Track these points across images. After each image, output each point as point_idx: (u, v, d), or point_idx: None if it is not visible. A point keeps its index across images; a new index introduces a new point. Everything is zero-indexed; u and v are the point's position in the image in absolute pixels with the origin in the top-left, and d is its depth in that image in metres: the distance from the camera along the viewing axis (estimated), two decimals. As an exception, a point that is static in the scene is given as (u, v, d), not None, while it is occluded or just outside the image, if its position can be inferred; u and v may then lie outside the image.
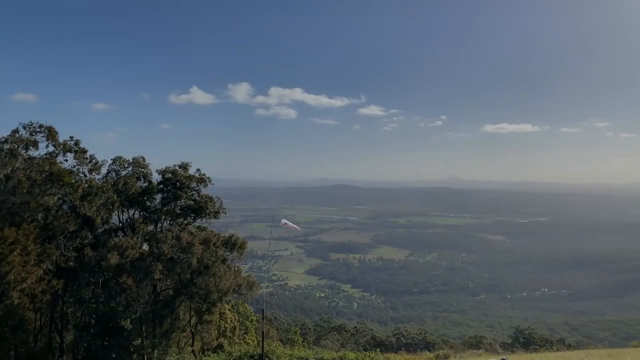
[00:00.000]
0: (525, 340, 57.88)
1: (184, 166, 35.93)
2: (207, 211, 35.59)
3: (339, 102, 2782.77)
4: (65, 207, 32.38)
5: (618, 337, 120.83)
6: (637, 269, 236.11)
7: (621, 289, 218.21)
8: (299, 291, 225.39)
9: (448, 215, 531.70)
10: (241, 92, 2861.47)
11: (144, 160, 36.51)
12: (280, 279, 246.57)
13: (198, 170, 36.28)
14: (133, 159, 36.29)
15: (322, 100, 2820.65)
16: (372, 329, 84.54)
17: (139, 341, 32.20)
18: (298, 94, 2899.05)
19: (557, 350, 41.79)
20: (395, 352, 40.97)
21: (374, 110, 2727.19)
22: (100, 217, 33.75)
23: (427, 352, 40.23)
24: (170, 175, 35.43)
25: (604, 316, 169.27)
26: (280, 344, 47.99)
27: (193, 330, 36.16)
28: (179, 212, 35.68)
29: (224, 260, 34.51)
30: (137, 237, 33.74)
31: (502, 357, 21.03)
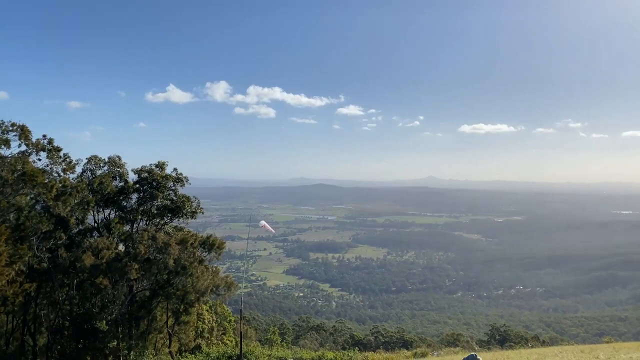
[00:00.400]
0: (501, 338, 58.70)
1: (161, 165, 35.54)
2: (184, 211, 35.28)
3: (318, 101, 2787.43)
4: (38, 207, 31.73)
5: (590, 333, 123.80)
6: (609, 266, 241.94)
7: (593, 286, 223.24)
8: (277, 291, 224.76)
9: (426, 215, 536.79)
10: (219, 90, 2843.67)
11: (120, 159, 36.01)
12: (259, 279, 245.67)
13: (175, 169, 35.96)
14: (109, 158, 35.76)
15: (302, 99, 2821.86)
16: (350, 328, 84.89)
17: (115, 343, 31.77)
18: (277, 93, 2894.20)
19: (532, 346, 42.53)
20: (374, 351, 41.20)
21: (353, 110, 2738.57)
22: (74, 217, 33.18)
23: (405, 350, 40.54)
24: (146, 174, 35.02)
25: (577, 313, 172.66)
26: (259, 344, 47.96)
27: (170, 331, 35.81)
28: (155, 212, 35.29)
29: (201, 261, 34.27)
30: (113, 238, 33.27)
31: (471, 353, 21.20)
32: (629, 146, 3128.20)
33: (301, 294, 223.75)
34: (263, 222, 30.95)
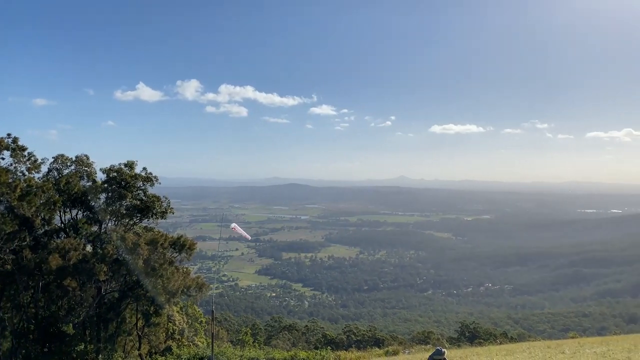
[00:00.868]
0: (470, 335, 59.53)
1: (130, 165, 34.89)
2: (154, 211, 34.76)
3: (291, 101, 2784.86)
4: (1, 207, 30.77)
5: (557, 329, 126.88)
6: (574, 264, 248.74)
7: (559, 283, 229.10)
8: (249, 291, 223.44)
9: (397, 214, 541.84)
10: (190, 89, 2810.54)
11: (87, 158, 35.21)
12: (231, 279, 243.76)
13: (144, 169, 35.36)
14: (76, 157, 34.93)
15: (274, 98, 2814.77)
16: (323, 327, 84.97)
17: (82, 346, 31.04)
18: (249, 92, 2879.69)
19: (501, 343, 43.34)
20: (346, 350, 41.37)
21: (325, 109, 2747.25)
22: (40, 217, 32.28)
23: (377, 349, 40.81)
24: (115, 174, 34.35)
25: (544, 309, 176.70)
26: (231, 345, 47.56)
27: (140, 333, 35.21)
28: (124, 212, 34.64)
29: (171, 262, 33.77)
30: (81, 238, 32.53)
31: (437, 347, 21.51)
32: (592, 146, 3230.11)
33: (273, 294, 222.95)
34: (234, 225, 30.57)
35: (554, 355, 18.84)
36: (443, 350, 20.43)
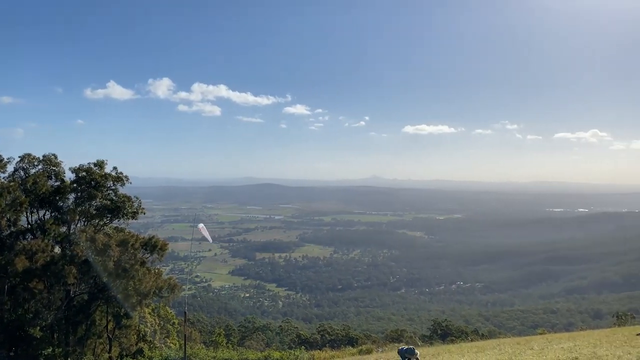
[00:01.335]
0: (442, 332, 60.32)
1: (100, 164, 34.22)
2: (125, 211, 34.19)
3: (265, 100, 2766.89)
4: (-36, 208, 29.83)
5: (526, 325, 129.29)
6: (542, 261, 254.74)
7: (528, 281, 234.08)
8: (223, 292, 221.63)
9: (371, 213, 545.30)
10: (162, 87, 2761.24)
11: (55, 157, 34.37)
12: (204, 280, 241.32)
13: (115, 168, 34.73)
14: (44, 156, 34.08)
15: (248, 98, 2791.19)
16: (297, 327, 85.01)
17: (50, 350, 30.33)
18: (223, 90, 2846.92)
19: (472, 340, 44.03)
20: (320, 349, 41.46)
21: (300, 109, 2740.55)
22: (6, 218, 31.41)
23: (351, 348, 41.04)
24: (84, 173, 33.65)
25: (513, 306, 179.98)
26: (204, 346, 47.15)
27: (110, 335, 34.59)
28: (94, 212, 33.98)
29: (143, 263, 33.28)
30: (48, 240, 31.76)
31: (410, 347, 21.76)
32: (560, 147, 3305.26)
33: (247, 295, 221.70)
34: (202, 225, 30.38)
35: (523, 352, 19.26)
36: (416, 351, 20.62)
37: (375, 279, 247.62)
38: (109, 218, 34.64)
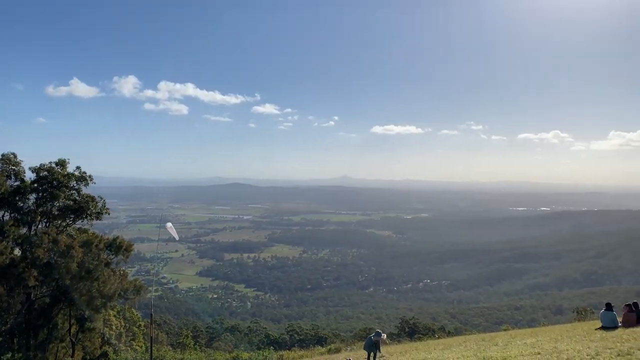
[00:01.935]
0: (410, 330, 60.91)
1: (62, 163, 33.24)
2: (89, 212, 33.32)
3: (233, 99, 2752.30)
4: None
5: (491, 322, 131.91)
6: (506, 259, 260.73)
7: (493, 278, 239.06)
8: (190, 293, 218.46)
9: (340, 213, 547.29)
10: (128, 85, 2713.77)
11: (15, 156, 33.20)
12: (171, 281, 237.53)
13: (78, 167, 33.80)
14: (2, 155, 32.88)
15: (216, 96, 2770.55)
16: (265, 328, 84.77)
17: (10, 355, 29.34)
18: (190, 89, 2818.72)
19: (439, 337, 44.78)
20: (289, 349, 41.46)
21: (269, 108, 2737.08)
22: (-39, 220, 30.21)
23: (320, 347, 41.16)
24: (46, 173, 32.64)
25: (479, 304, 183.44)
26: (171, 348, 46.50)
27: (73, 339, 33.70)
28: (56, 213, 33.00)
29: (107, 264, 32.55)
30: (8, 242, 30.67)
31: (377, 330, 22.22)
32: (523, 147, 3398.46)
33: (215, 296, 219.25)
34: (170, 225, 30.03)
35: (488, 348, 19.66)
36: (382, 333, 21.33)
37: (344, 278, 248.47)
38: (72, 219, 33.72)
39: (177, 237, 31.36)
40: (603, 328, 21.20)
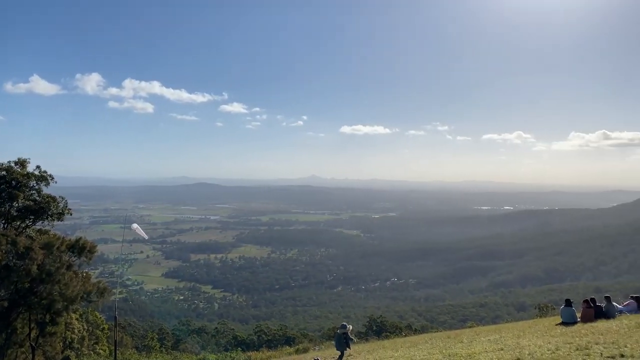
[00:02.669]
0: (378, 328, 61.37)
1: (21, 162, 32.14)
2: (50, 212, 32.31)
3: (200, 97, 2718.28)
4: None
5: (456, 319, 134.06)
6: (471, 257, 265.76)
7: (458, 276, 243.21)
8: (156, 295, 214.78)
9: (309, 212, 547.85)
10: (91, 83, 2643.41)
11: (-30, 155, 31.96)
12: (136, 283, 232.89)
13: (38, 167, 32.73)
14: (-44, 154, 31.59)
15: (182, 95, 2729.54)
16: (233, 329, 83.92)
17: (-35, 362, 28.25)
18: (156, 87, 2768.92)
19: (406, 335, 45.23)
20: (257, 350, 41.21)
21: (236, 107, 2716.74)
22: None
23: (288, 347, 41.09)
24: (4, 172, 31.49)
25: (445, 301, 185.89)
26: (136, 351, 45.64)
27: (33, 344, 32.63)
28: (15, 213, 31.88)
29: (70, 266, 31.64)
30: (-38, 244, 29.45)
31: (342, 323, 22.38)
32: (487, 148, 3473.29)
33: (181, 297, 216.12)
34: (136, 226, 29.45)
35: (454, 345, 19.98)
36: (347, 325, 21.49)
37: (312, 277, 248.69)
38: (31, 220, 32.63)
39: (145, 237, 30.77)
40: (563, 323, 21.83)
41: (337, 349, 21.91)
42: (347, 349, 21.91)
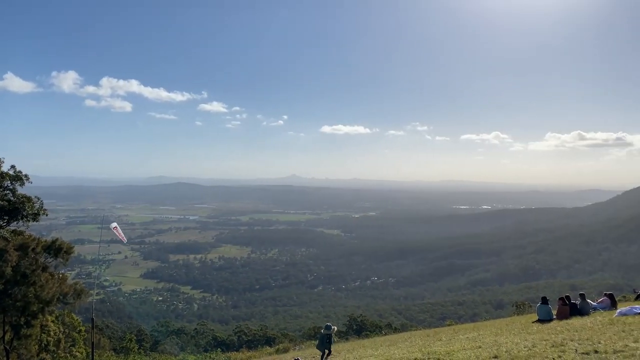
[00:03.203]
0: (358, 327, 61.54)
1: (-5, 162, 31.48)
2: (25, 213, 31.66)
3: (179, 96, 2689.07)
4: None
5: (435, 317, 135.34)
6: (449, 256, 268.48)
7: (437, 275, 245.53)
8: (134, 296, 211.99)
9: (289, 212, 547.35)
10: (68, 81, 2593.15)
11: (-59, 155, 31.15)
12: (113, 284, 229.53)
13: (13, 167, 32.04)
14: None
15: (161, 93, 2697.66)
16: (213, 330, 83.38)
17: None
18: (134, 86, 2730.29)
19: (386, 334, 45.56)
20: (237, 350, 41.06)
21: (216, 106, 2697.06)
22: None
23: (268, 347, 41.05)
24: (-23, 172, 30.81)
25: (424, 300, 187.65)
26: (114, 353, 45.06)
27: (8, 347, 31.95)
28: (-12, 214, 31.21)
29: (45, 267, 31.07)
30: None
31: (326, 324, 22.35)
32: (466, 148, 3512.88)
33: (160, 298, 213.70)
34: (115, 225, 29.03)
35: (432, 343, 20.18)
36: (332, 326, 21.51)
37: (293, 277, 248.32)
38: (5, 220, 31.95)
39: (124, 239, 30.29)
40: (539, 321, 22.21)
41: (318, 349, 21.86)
42: (329, 350, 21.86)
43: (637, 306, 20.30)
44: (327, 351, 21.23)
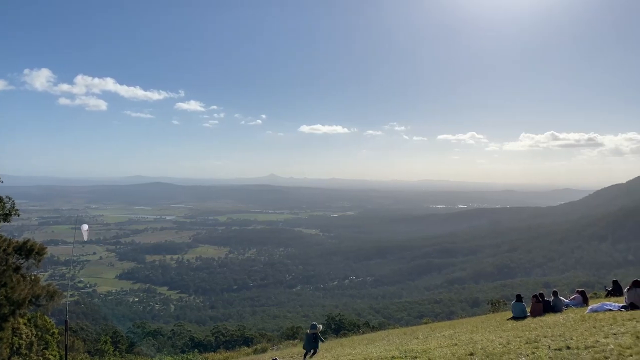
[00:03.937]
0: (336, 327, 61.65)
1: (-36, 161, 30.67)
2: (-5, 213, 30.93)
3: (156, 95, 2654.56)
4: None
5: (412, 316, 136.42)
6: (426, 255, 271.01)
7: (414, 273, 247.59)
8: (109, 297, 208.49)
9: (268, 212, 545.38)
10: (41, 78, 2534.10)
11: None
12: (88, 285, 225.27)
13: (-17, 166, 31.30)
14: None
15: (137, 92, 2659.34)
16: (190, 330, 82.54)
17: None
18: (110, 84, 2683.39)
19: (364, 332, 45.76)
20: (214, 351, 40.84)
21: (193, 105, 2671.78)
22: None
23: (246, 348, 40.92)
24: (-56, 171, 29.93)
25: (401, 298, 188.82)
26: (88, 355, 44.34)
27: (-23, 351, 31.15)
28: (-43, 215, 30.35)
29: (17, 269, 30.38)
30: None
31: (312, 323, 22.38)
32: (442, 148, 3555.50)
33: (136, 299, 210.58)
34: (86, 226, 28.76)
35: (409, 341, 20.34)
36: (317, 325, 21.54)
37: (271, 277, 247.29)
38: (-25, 221, 31.15)
39: (85, 239, 29.96)
40: (514, 318, 22.61)
41: (304, 348, 21.87)
42: (315, 349, 21.78)
43: (607, 303, 20.82)
44: (312, 350, 21.27)
